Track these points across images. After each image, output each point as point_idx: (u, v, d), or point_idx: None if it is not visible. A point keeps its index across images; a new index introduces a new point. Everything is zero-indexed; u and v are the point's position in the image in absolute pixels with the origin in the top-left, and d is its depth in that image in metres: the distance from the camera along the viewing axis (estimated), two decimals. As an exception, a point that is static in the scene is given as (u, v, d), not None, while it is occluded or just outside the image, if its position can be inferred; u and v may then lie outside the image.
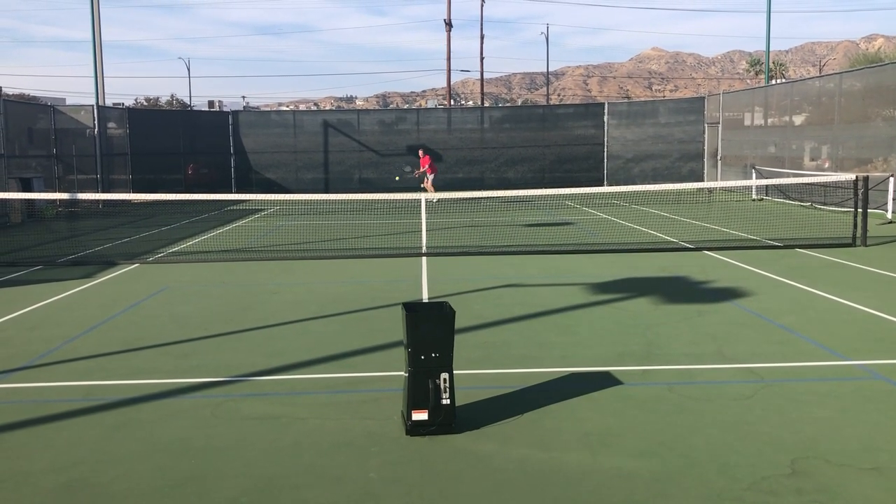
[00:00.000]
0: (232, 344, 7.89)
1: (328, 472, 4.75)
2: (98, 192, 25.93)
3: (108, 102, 32.00)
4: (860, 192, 14.18)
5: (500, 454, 4.94)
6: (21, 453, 5.12)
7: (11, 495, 4.51)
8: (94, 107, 27.44)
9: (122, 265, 13.20)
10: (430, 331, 5.20)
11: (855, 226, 14.08)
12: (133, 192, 28.17)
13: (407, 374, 5.28)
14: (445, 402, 5.21)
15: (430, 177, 25.32)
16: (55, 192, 23.64)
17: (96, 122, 26.86)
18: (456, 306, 5.58)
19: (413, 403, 5.21)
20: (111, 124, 28.91)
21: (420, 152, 26.70)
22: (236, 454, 5.03)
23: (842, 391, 6.08)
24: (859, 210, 14.14)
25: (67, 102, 40.39)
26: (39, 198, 21.02)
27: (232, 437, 5.32)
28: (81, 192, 25.24)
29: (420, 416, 5.21)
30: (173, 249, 15.28)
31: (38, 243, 16.57)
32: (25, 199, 20.41)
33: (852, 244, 13.88)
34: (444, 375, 5.21)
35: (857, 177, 14.63)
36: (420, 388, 5.19)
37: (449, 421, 5.23)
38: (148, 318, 9.20)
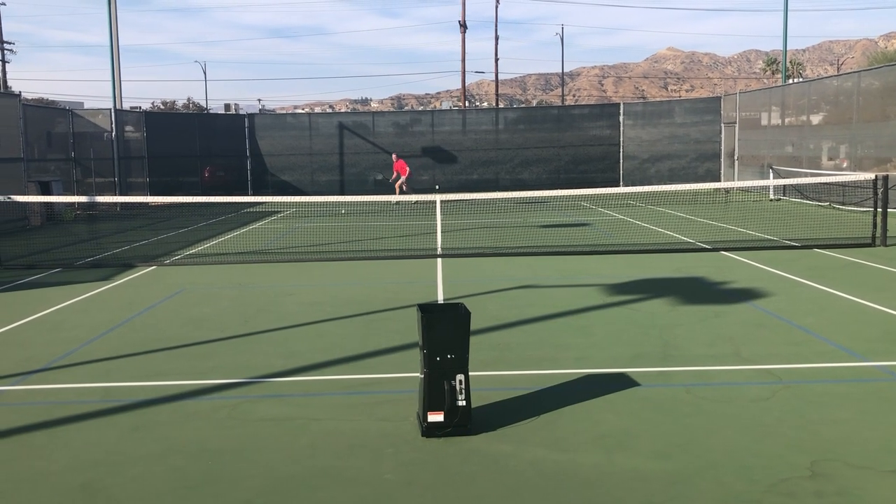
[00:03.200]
0: (248, 345, 7.92)
1: (344, 473, 4.75)
2: (116, 194, 26.14)
3: (126, 106, 32.28)
4: (880, 192, 14.04)
5: (516, 456, 4.93)
6: (40, 453, 5.16)
7: (30, 495, 4.54)
8: (112, 110, 27.67)
9: (140, 267, 13.29)
10: (446, 332, 5.19)
11: (874, 225, 13.94)
12: (150, 195, 28.36)
13: (422, 376, 5.28)
14: (461, 403, 5.20)
15: (402, 178, 26.29)
16: (74, 195, 23.85)
17: (114, 125, 27.08)
18: (471, 307, 5.57)
19: (429, 405, 5.20)
20: (128, 128, 29.15)
21: (393, 156, 27.67)
22: (252, 455, 5.05)
23: (861, 393, 6.01)
24: (879, 210, 14.00)
25: (85, 106, 40.69)
26: (58, 201, 21.22)
27: (248, 439, 5.34)
28: (99, 195, 25.47)
29: (436, 417, 5.20)
30: (190, 252, 15.37)
31: (58, 246, 16.72)
32: (45, 203, 20.60)
33: (872, 244, 13.75)
34: (460, 377, 5.20)
35: (876, 176, 14.49)
36: (436, 390, 5.19)
37: (464, 422, 5.22)
38: (165, 320, 9.26)
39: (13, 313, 9.65)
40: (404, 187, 26.25)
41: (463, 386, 5.20)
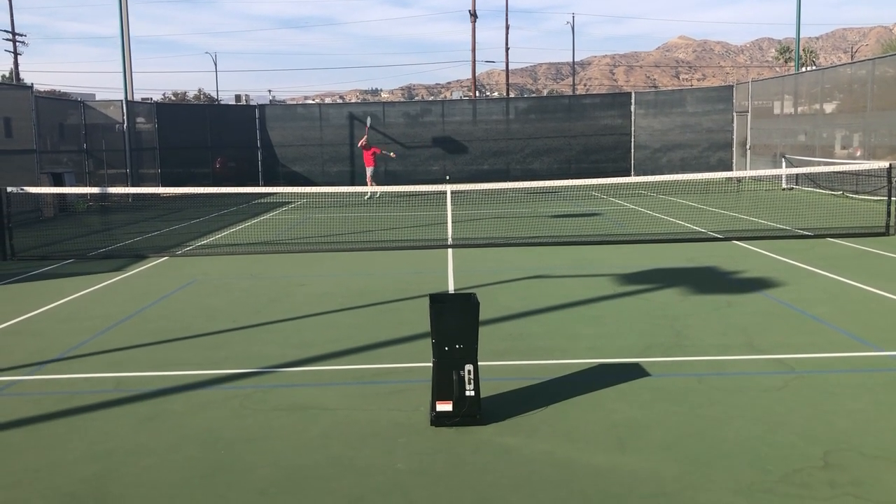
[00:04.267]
0: (260, 336, 7.94)
1: (356, 463, 4.77)
2: (128, 186, 26.24)
3: (137, 97, 32.35)
4: (893, 180, 13.93)
5: (527, 446, 4.93)
6: (55, 443, 5.20)
7: (46, 484, 4.58)
8: (123, 102, 27.73)
9: (152, 258, 13.35)
10: (454, 322, 5.19)
11: (888, 214, 13.84)
12: (162, 186, 28.45)
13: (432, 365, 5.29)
14: (470, 393, 5.20)
15: (370, 169, 25.95)
16: (86, 186, 23.95)
17: (125, 117, 27.16)
18: (482, 298, 5.57)
19: (437, 394, 5.21)
20: (140, 119, 29.22)
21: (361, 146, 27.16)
22: (265, 445, 5.07)
23: (875, 382, 5.98)
24: (892, 198, 13.89)
25: (97, 98, 40.85)
26: (71, 192, 21.32)
27: (261, 428, 5.36)
28: (111, 186, 25.57)
29: (444, 407, 5.21)
30: (202, 242, 15.42)
31: (70, 237, 16.81)
32: (57, 194, 20.70)
33: (885, 233, 13.65)
34: (469, 367, 5.20)
35: (890, 164, 14.37)
36: (444, 380, 5.19)
37: (473, 412, 5.23)
38: (177, 310, 9.30)
39: (27, 304, 9.72)
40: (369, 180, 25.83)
41: (472, 376, 5.21)
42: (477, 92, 50.45)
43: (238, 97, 78.95)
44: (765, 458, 4.65)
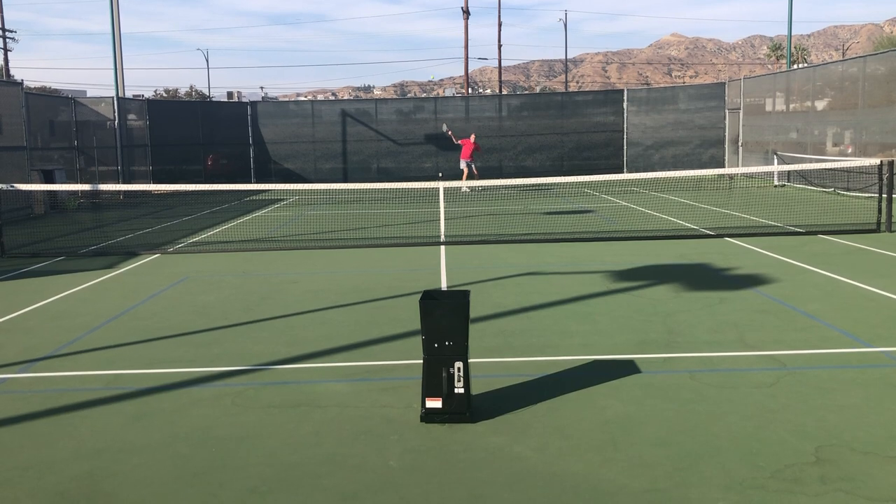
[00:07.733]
0: (252, 333, 7.92)
1: (348, 460, 4.76)
2: (119, 183, 26.14)
3: (128, 94, 32.22)
4: (885, 177, 13.98)
5: (520, 442, 4.93)
6: (45, 441, 5.17)
7: (36, 483, 4.56)
8: (114, 99, 27.62)
9: (144, 255, 13.30)
10: (444, 319, 5.17)
11: (879, 211, 13.90)
12: (153, 183, 28.36)
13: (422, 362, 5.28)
14: (459, 390, 5.20)
15: (466, 163, 24.48)
16: (77, 183, 23.85)
17: (116, 113, 27.05)
18: (475, 295, 5.56)
19: (427, 391, 5.21)
20: (131, 116, 29.10)
21: (472, 137, 25.75)
22: (256, 443, 5.05)
23: (866, 378, 6.00)
24: (884, 195, 13.95)
25: (88, 95, 40.62)
26: (61, 189, 21.22)
27: (252, 426, 5.34)
28: (102, 183, 25.47)
29: (434, 403, 5.21)
30: (194, 239, 15.37)
31: (61, 234, 16.73)
32: (48, 191, 20.60)
33: (877, 230, 13.70)
34: (458, 364, 5.19)
35: (881, 161, 14.42)
36: (434, 376, 5.18)
37: (462, 409, 5.22)
38: (169, 307, 9.27)
39: (17, 301, 9.67)
40: (470, 170, 24.23)
41: (461, 373, 5.19)
42: (469, 89, 50.40)
43: (230, 94, 78.53)
44: (756, 453, 4.66)
